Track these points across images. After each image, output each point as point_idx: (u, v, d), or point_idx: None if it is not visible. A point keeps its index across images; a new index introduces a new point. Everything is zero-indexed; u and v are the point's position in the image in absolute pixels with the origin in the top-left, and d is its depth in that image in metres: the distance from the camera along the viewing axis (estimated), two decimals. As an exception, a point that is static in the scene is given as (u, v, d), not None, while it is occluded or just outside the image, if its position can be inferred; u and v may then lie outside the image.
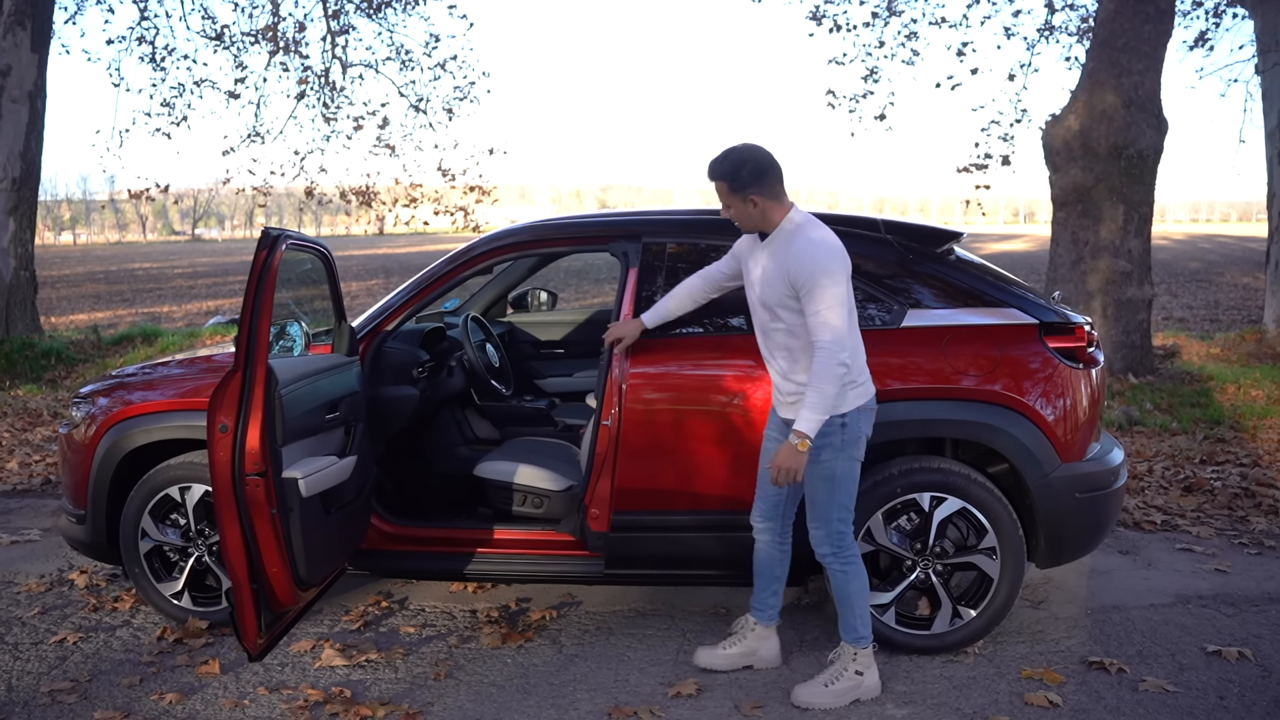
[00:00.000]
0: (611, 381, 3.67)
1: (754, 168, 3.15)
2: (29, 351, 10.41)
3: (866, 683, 3.32)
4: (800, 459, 3.09)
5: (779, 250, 3.18)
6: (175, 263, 40.99)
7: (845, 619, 3.34)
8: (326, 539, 3.44)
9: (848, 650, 3.34)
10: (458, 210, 14.67)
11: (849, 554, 3.30)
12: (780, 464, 3.10)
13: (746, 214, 3.20)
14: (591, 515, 3.72)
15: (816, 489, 3.26)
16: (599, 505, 3.70)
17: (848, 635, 3.34)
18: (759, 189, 3.15)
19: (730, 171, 3.16)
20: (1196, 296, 19.35)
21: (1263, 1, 10.22)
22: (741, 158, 3.16)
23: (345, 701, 3.34)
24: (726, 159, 3.17)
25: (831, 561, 3.30)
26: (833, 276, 3.07)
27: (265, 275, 3.13)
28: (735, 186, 3.16)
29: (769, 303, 3.21)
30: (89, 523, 4.03)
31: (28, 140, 10.80)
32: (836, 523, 3.27)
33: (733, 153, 3.18)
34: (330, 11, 13.49)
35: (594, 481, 3.71)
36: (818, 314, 3.06)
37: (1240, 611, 4.06)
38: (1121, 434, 7.03)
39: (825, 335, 3.05)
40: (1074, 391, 3.64)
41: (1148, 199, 8.65)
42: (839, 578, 3.31)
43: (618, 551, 3.73)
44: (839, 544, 3.29)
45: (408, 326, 4.36)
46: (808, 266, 3.07)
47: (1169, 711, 3.24)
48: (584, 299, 18.11)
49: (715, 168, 3.19)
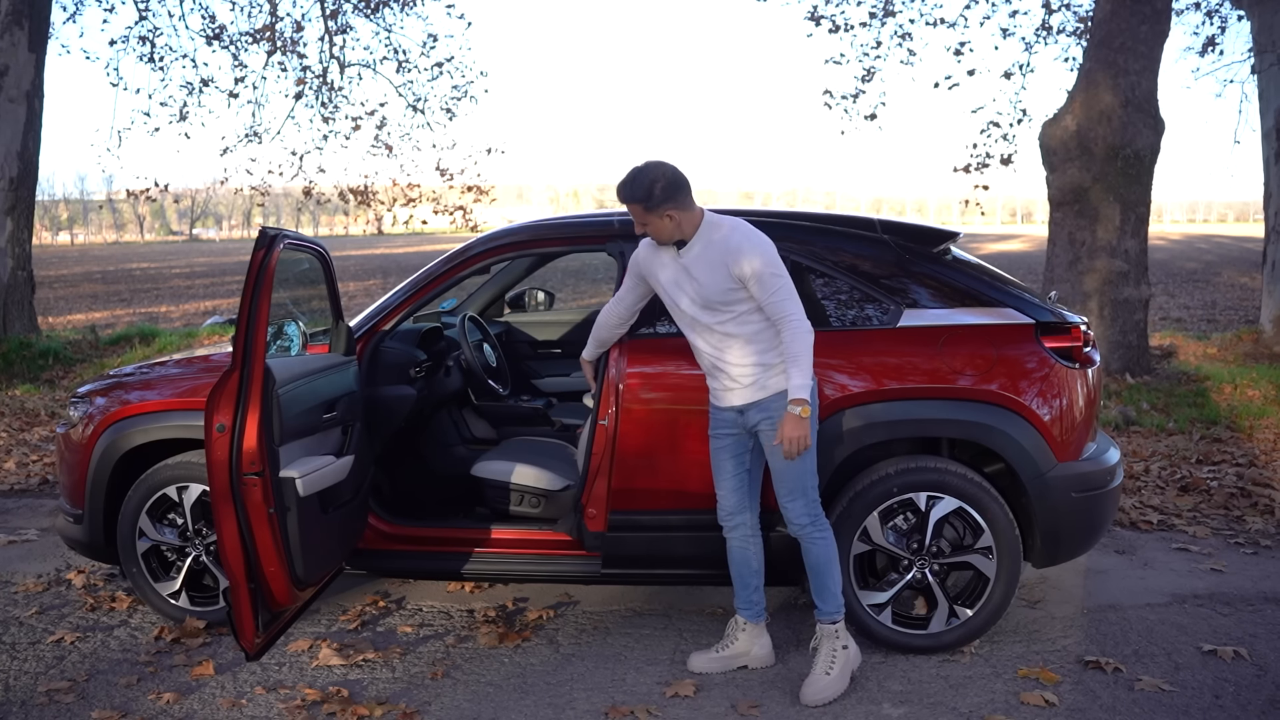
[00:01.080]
0: (609, 381, 3.68)
1: (665, 185, 3.22)
2: (26, 351, 10.40)
3: (852, 652, 3.41)
4: (806, 425, 3.16)
5: (708, 250, 3.27)
6: (173, 262, 40.96)
7: (827, 589, 3.37)
8: (324, 538, 3.44)
9: (828, 630, 3.38)
10: (456, 210, 14.66)
11: (823, 521, 3.38)
12: (789, 435, 3.15)
13: (663, 229, 3.27)
14: (589, 515, 3.72)
15: (783, 462, 3.30)
16: (596, 505, 3.71)
17: (829, 605, 3.38)
18: (674, 204, 3.24)
19: (644, 193, 3.22)
20: (1193, 296, 19.38)
21: (1259, 2, 10.24)
22: (651, 178, 3.22)
23: (342, 701, 3.34)
24: (637, 182, 3.24)
25: (810, 531, 3.35)
26: (772, 257, 3.22)
27: (263, 275, 3.14)
28: (650, 206, 3.23)
29: (711, 301, 3.28)
30: (86, 522, 4.03)
31: (25, 140, 10.79)
32: (810, 489, 3.34)
33: (642, 174, 3.24)
34: (328, 11, 13.49)
35: (591, 481, 3.71)
36: (776, 292, 3.20)
37: (1236, 611, 4.07)
38: (1118, 434, 7.05)
39: (790, 309, 3.19)
40: (1070, 391, 3.64)
41: (1144, 199, 8.66)
42: (819, 545, 3.36)
43: (615, 551, 3.74)
44: (814, 513, 3.36)
45: (405, 326, 4.36)
46: (749, 255, 3.20)
47: (1165, 710, 3.24)
48: (581, 299, 18.12)
49: (627, 190, 3.25)
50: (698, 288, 3.30)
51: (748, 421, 3.38)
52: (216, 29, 13.31)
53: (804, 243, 3.75)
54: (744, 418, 3.39)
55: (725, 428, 3.44)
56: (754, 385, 3.32)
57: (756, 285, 3.21)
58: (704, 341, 3.38)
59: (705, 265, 3.27)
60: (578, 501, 3.77)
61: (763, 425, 3.34)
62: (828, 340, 3.56)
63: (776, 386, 3.30)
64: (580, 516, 3.75)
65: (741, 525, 3.49)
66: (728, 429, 3.43)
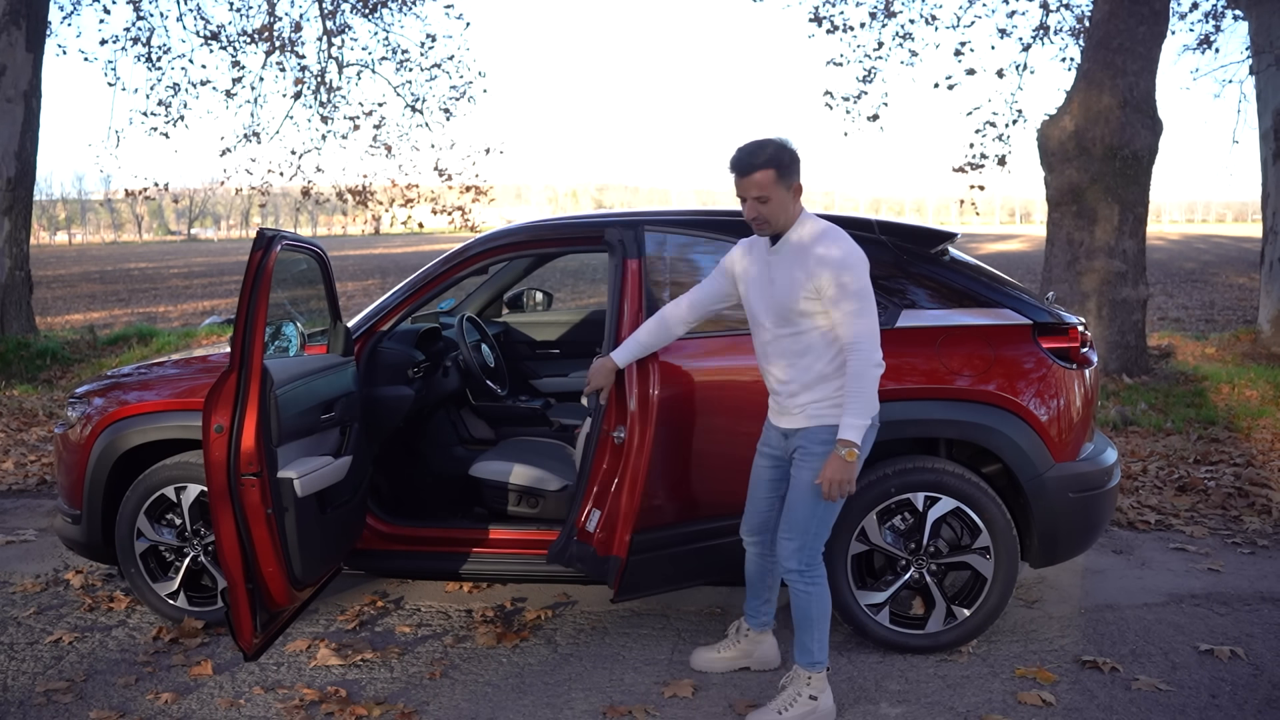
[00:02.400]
0: (641, 394, 3.35)
1: (794, 155, 3.01)
2: (24, 352, 10.40)
3: (821, 707, 3.16)
4: (851, 469, 2.94)
5: (797, 251, 3.03)
6: (171, 262, 40.94)
7: (803, 641, 3.16)
8: (322, 539, 3.44)
9: (801, 674, 3.18)
10: (454, 210, 14.66)
11: (816, 574, 3.14)
12: (830, 478, 2.95)
13: (784, 206, 3.00)
14: (597, 540, 3.41)
15: (801, 497, 3.09)
16: (611, 529, 3.36)
17: (803, 658, 3.16)
18: (798, 178, 3.02)
19: (776, 158, 2.96)
20: (1191, 297, 19.39)
21: (1257, 3, 10.25)
22: (781, 144, 2.99)
23: (341, 701, 3.34)
24: (768, 146, 2.98)
25: (796, 580, 3.13)
26: (860, 276, 2.95)
27: (260, 276, 3.14)
28: (784, 172, 2.97)
29: (787, 307, 3.03)
30: (84, 523, 4.03)
31: (23, 140, 10.78)
32: (812, 537, 3.11)
33: (769, 141, 2.99)
34: (326, 11, 13.49)
35: (609, 504, 3.36)
36: (851, 313, 2.94)
37: (1233, 611, 4.07)
38: (1116, 434, 7.05)
39: (859, 336, 2.93)
40: (1068, 392, 3.65)
41: (1143, 199, 8.67)
42: (802, 598, 3.14)
43: (637, 577, 3.45)
44: (809, 561, 3.12)
45: (403, 327, 4.36)
46: (835, 265, 2.94)
47: (1162, 710, 3.25)
48: (579, 299, 18.12)
49: (761, 154, 2.96)
50: (774, 290, 3.07)
51: (789, 447, 3.17)
52: (214, 29, 13.31)
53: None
54: (787, 442, 3.18)
55: (770, 446, 3.27)
56: (804, 413, 3.08)
57: (833, 299, 2.95)
58: (767, 351, 3.16)
59: (788, 266, 3.03)
60: (570, 528, 3.46)
61: (797, 455, 3.12)
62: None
63: (825, 420, 3.05)
64: (578, 542, 3.44)
65: (760, 543, 3.36)
66: (772, 448, 3.26)
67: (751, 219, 3.04)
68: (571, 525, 3.45)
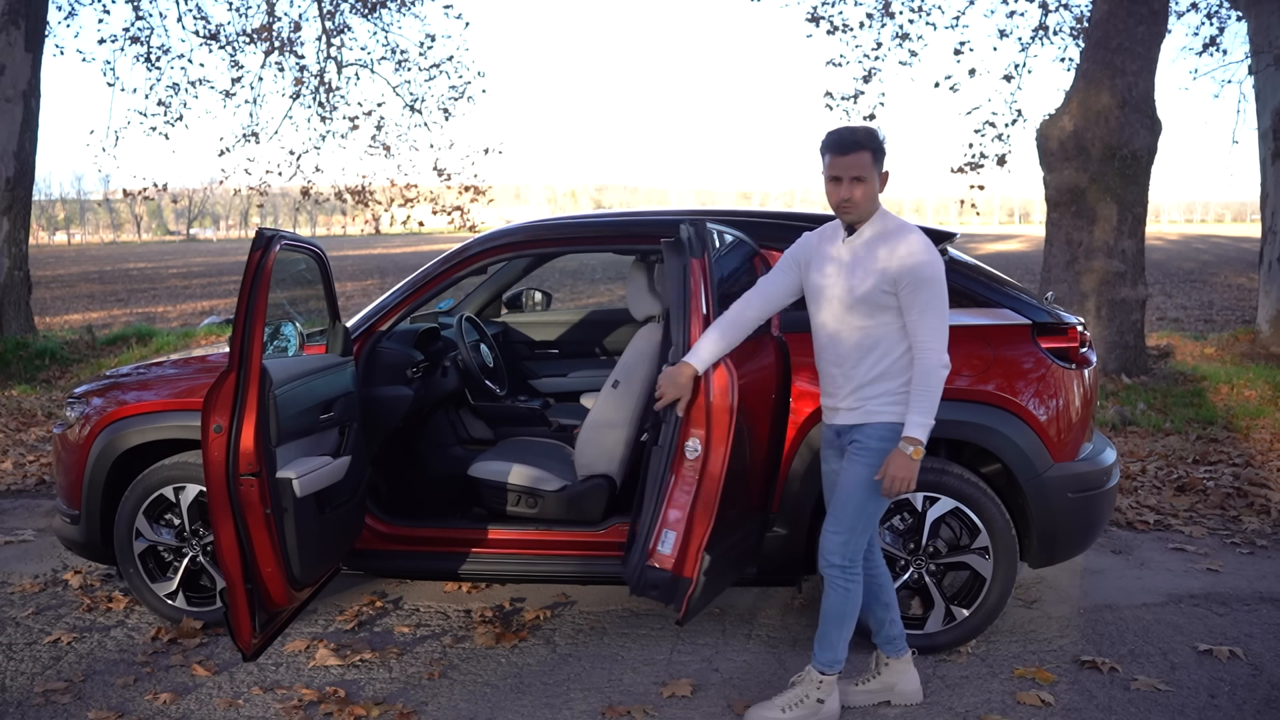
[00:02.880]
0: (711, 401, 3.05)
1: (884, 142, 2.98)
2: (23, 352, 10.40)
3: (825, 711, 3.14)
4: (914, 468, 2.90)
5: (879, 243, 2.98)
6: (170, 262, 40.93)
7: (829, 638, 3.11)
8: (321, 539, 3.44)
9: (814, 676, 3.15)
10: (453, 210, 14.66)
11: (857, 571, 3.09)
12: (894, 474, 2.91)
13: (873, 192, 2.97)
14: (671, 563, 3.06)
15: (852, 492, 3.04)
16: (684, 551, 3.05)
17: (825, 656, 3.12)
18: (884, 165, 3.01)
19: (873, 140, 2.95)
20: (1190, 297, 19.40)
21: (1256, 2, 10.25)
22: (876, 129, 2.98)
23: (339, 701, 3.34)
24: (866, 128, 2.98)
25: (837, 576, 3.08)
26: (938, 275, 2.93)
27: (259, 276, 3.14)
28: (878, 156, 2.95)
29: (861, 299, 2.97)
30: (83, 523, 4.03)
31: (21, 140, 10.78)
32: (858, 534, 3.06)
33: (865, 125, 2.98)
34: (325, 11, 13.48)
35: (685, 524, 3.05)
36: (924, 313, 2.91)
37: (1232, 611, 4.08)
38: (1115, 434, 7.05)
39: (932, 335, 2.91)
40: (1066, 392, 3.65)
41: (1141, 199, 8.67)
42: (839, 594, 3.08)
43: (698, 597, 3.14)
44: (852, 557, 3.07)
45: (402, 327, 4.36)
46: (917, 259, 2.91)
47: (1160, 710, 3.25)
48: (579, 299, 18.13)
49: (859, 134, 2.95)
50: (851, 280, 2.99)
51: (843, 444, 3.11)
52: (213, 29, 13.31)
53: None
54: (840, 440, 3.13)
55: (831, 448, 3.20)
56: (860, 410, 3.03)
57: (910, 293, 2.91)
58: (837, 343, 3.06)
59: (868, 257, 2.98)
60: (643, 549, 3.09)
61: (851, 449, 3.05)
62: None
63: (884, 417, 3.00)
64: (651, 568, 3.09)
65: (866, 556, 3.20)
66: (833, 450, 3.19)
67: (841, 200, 2.97)
68: (643, 550, 3.10)
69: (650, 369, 4.02)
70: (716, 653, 3.72)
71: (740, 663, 3.64)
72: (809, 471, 3.62)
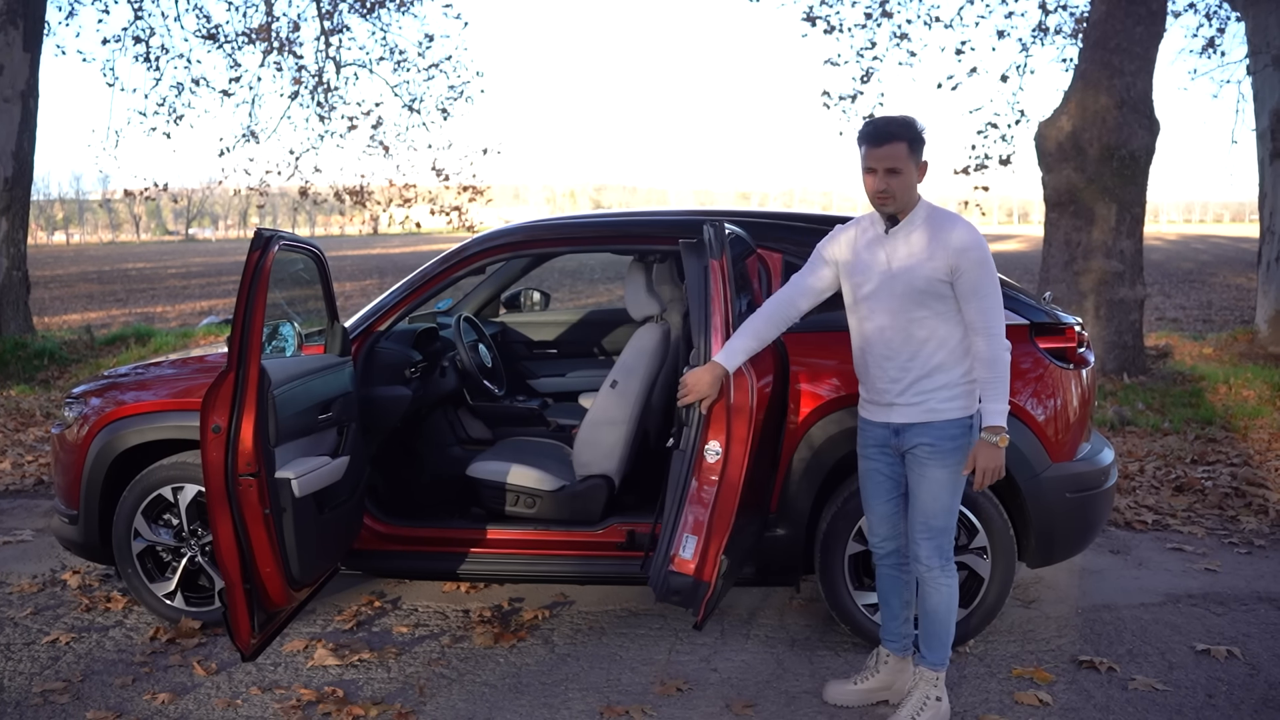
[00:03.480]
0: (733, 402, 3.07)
1: (923, 131, 2.94)
2: (22, 352, 10.39)
3: (944, 707, 3.13)
4: (1001, 455, 2.88)
5: (927, 232, 2.94)
6: (169, 263, 40.91)
7: (939, 638, 3.10)
8: (319, 539, 3.44)
9: (928, 676, 3.12)
10: (452, 210, 14.67)
11: (953, 566, 3.09)
12: (984, 466, 2.88)
13: (911, 183, 2.93)
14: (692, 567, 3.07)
15: (936, 494, 3.00)
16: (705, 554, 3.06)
17: (936, 655, 3.10)
18: (923, 156, 2.96)
19: (909, 129, 2.91)
20: (1189, 297, 19.41)
21: (1254, 3, 10.26)
22: (913, 119, 2.93)
23: (338, 701, 3.34)
24: (902, 118, 2.93)
25: (939, 576, 3.05)
26: (990, 259, 2.91)
27: (258, 276, 3.14)
28: (915, 146, 2.92)
29: (917, 289, 2.92)
30: (81, 523, 4.02)
31: (20, 139, 10.77)
32: (949, 530, 3.06)
33: (902, 115, 2.94)
34: (324, 11, 13.48)
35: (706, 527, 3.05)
36: (986, 296, 2.89)
37: (1230, 610, 4.08)
38: (1113, 434, 7.06)
39: (992, 321, 2.88)
40: (1064, 392, 3.65)
41: (1140, 199, 8.68)
42: (942, 592, 3.06)
43: (715, 600, 3.17)
44: (947, 555, 3.06)
45: (400, 327, 4.36)
46: (973, 247, 2.89)
47: (1158, 710, 3.25)
48: (577, 299, 18.13)
49: (894, 124, 2.92)
50: (899, 271, 2.94)
51: (903, 444, 3.03)
52: (212, 29, 13.30)
53: (800, 244, 3.74)
54: (899, 439, 3.04)
55: (876, 445, 3.12)
56: (922, 406, 2.97)
57: (967, 279, 2.88)
58: (880, 339, 3.00)
59: (918, 246, 2.93)
60: (665, 554, 3.09)
61: (921, 451, 2.99)
62: (822, 341, 3.57)
63: (951, 413, 2.97)
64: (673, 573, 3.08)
65: (895, 553, 3.21)
66: (879, 447, 3.11)
67: (878, 192, 2.92)
68: (665, 556, 3.09)
69: (649, 369, 4.03)
70: (715, 653, 3.73)
71: (738, 663, 3.64)
72: (808, 471, 3.63)
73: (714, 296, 3.09)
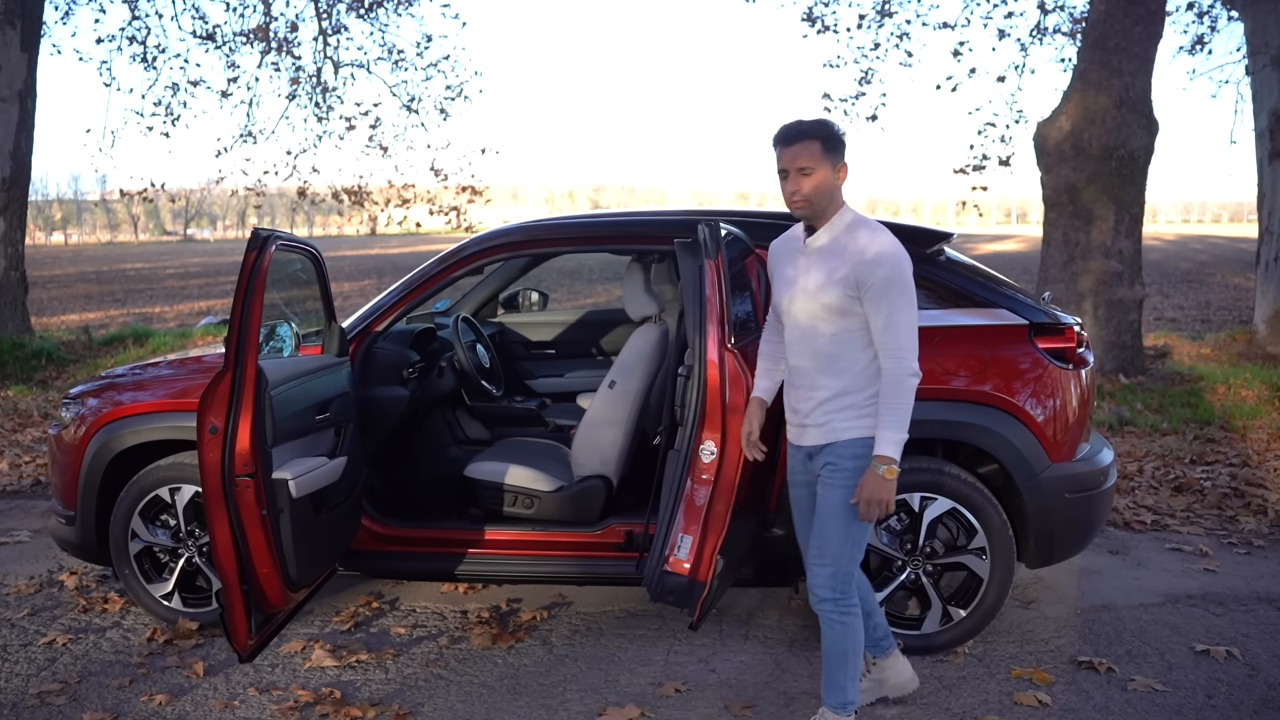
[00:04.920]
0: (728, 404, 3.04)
1: (840, 133, 2.80)
2: (19, 352, 10.37)
3: None
4: (890, 488, 2.71)
5: (838, 241, 2.81)
6: (167, 263, 40.88)
7: (834, 679, 2.93)
8: (317, 540, 3.44)
9: (831, 715, 2.96)
10: (450, 210, 14.67)
11: (851, 602, 2.90)
12: (867, 497, 2.72)
13: (825, 186, 2.77)
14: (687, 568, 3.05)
15: (830, 519, 2.85)
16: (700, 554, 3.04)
17: (834, 698, 2.94)
18: (843, 159, 2.82)
19: (822, 129, 2.77)
20: (1188, 297, 19.41)
21: (1252, 3, 10.26)
22: (829, 120, 2.81)
23: (335, 702, 3.33)
24: (815, 120, 2.81)
25: (830, 610, 2.89)
26: (905, 276, 2.74)
27: (255, 276, 3.13)
28: (831, 146, 2.77)
29: (822, 302, 2.80)
30: (79, 524, 4.02)
31: (18, 140, 10.76)
32: (847, 562, 2.87)
33: (815, 117, 2.82)
34: (322, 11, 13.48)
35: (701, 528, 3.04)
36: (892, 315, 2.71)
37: (1229, 611, 4.08)
38: (1112, 434, 7.06)
39: (898, 339, 2.71)
40: (1063, 392, 3.65)
41: (1138, 200, 8.68)
42: (837, 630, 2.90)
43: (710, 600, 3.13)
44: (844, 589, 2.88)
45: (398, 327, 4.35)
46: (882, 264, 2.72)
47: (1157, 710, 3.25)
48: (575, 299, 18.12)
49: (808, 124, 2.78)
50: (810, 283, 2.83)
51: (814, 467, 2.93)
52: (210, 29, 13.30)
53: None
54: (811, 463, 2.94)
55: (799, 473, 3.02)
56: (826, 426, 2.85)
57: (874, 299, 2.71)
58: (794, 354, 2.91)
59: (828, 259, 2.80)
60: (660, 554, 3.08)
61: (825, 472, 2.87)
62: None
63: (852, 433, 2.82)
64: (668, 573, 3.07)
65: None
66: (801, 475, 3.01)
67: (791, 194, 2.80)
68: (660, 556, 3.07)
69: (647, 369, 4.02)
70: (713, 654, 3.72)
71: (737, 663, 3.64)
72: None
73: (709, 296, 3.07)
